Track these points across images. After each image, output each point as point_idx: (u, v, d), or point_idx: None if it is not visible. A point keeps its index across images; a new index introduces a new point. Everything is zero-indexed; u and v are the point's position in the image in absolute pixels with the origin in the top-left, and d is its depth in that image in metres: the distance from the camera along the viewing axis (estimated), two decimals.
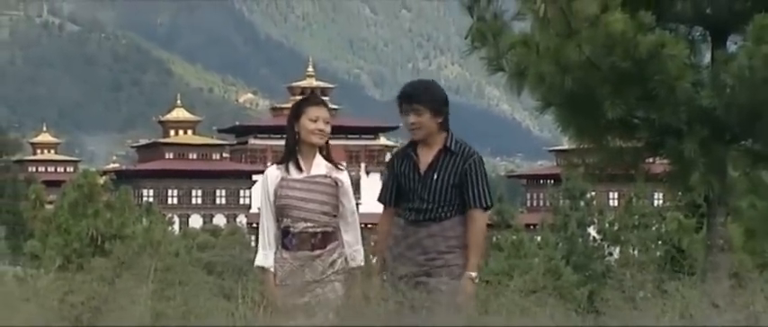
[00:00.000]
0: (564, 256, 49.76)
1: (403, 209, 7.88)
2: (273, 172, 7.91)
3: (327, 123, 7.88)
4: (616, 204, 77.02)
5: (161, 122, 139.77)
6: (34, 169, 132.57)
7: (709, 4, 11.07)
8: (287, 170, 7.87)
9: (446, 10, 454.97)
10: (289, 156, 7.89)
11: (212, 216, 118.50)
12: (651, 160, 11.85)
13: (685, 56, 10.38)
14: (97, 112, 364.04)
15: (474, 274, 7.74)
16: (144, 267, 9.10)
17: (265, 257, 7.88)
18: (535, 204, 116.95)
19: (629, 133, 11.35)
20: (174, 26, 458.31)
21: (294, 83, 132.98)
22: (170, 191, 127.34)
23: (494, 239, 56.35)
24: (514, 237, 47.86)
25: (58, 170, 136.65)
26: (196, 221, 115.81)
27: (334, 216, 7.85)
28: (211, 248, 60.49)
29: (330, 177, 7.85)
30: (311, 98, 8.07)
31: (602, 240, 55.97)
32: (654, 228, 50.73)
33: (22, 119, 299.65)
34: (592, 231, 56.55)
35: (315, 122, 7.84)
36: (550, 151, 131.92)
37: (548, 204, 74.10)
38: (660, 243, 45.37)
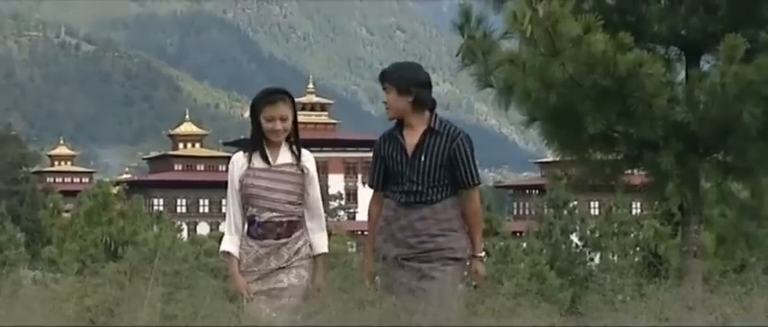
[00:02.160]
0: (548, 261, 49.76)
1: (393, 192, 7.43)
2: (240, 160, 7.40)
3: (285, 120, 7.32)
4: (597, 213, 77.07)
5: (170, 136, 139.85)
6: (52, 180, 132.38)
7: (684, 26, 11.09)
8: (252, 159, 7.35)
9: (437, 32, 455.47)
10: (254, 147, 7.36)
11: (218, 224, 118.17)
12: (630, 172, 11.85)
13: (662, 74, 10.39)
14: (111, 126, 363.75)
15: (483, 254, 7.46)
16: (154, 271, 9.05)
17: (231, 242, 7.39)
18: (521, 213, 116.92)
19: (609, 146, 11.36)
20: (182, 45, 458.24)
21: (296, 100, 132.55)
22: (179, 201, 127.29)
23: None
24: (502, 244, 47.83)
25: (74, 180, 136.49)
26: (203, 228, 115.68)
27: (300, 204, 7.33)
28: (217, 254, 60.27)
29: (296, 166, 7.33)
30: (266, 96, 7.42)
31: (584, 246, 56.00)
32: (632, 235, 50.68)
33: (41, 133, 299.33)
34: (574, 238, 56.58)
35: (270, 122, 7.31)
36: (535, 163, 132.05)
37: (533, 213, 74.13)
38: (638, 249, 45.34)
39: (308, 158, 7.42)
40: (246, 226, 7.37)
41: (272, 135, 7.33)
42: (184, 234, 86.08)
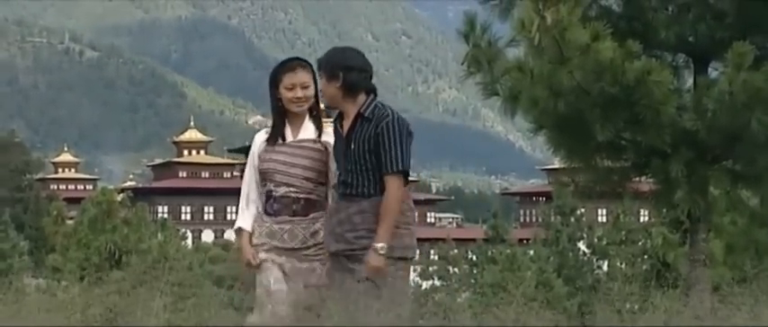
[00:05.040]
0: (555, 269, 49.64)
1: (336, 183, 7.04)
2: (260, 137, 7.23)
3: (306, 87, 7.11)
4: (604, 220, 76.95)
5: (175, 143, 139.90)
6: (56, 187, 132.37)
7: (692, 33, 11.09)
8: (274, 135, 7.15)
9: (444, 37, 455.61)
10: (275, 122, 7.18)
11: (223, 231, 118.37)
12: (637, 179, 11.86)
13: (670, 81, 10.40)
14: (115, 133, 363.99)
15: (380, 245, 6.79)
16: (158, 280, 9.05)
17: (244, 219, 7.19)
18: (528, 220, 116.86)
19: (616, 154, 11.36)
20: (187, 52, 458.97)
21: None
22: (183, 208, 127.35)
23: (489, 253, 56.36)
24: (508, 251, 47.75)
25: (78, 188, 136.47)
26: (208, 236, 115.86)
27: (322, 183, 7.09)
28: (222, 261, 60.42)
29: (319, 141, 7.12)
30: (287, 63, 7.24)
31: (591, 254, 55.89)
32: (640, 243, 50.53)
33: (45, 140, 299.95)
34: (581, 245, 56.48)
35: (290, 90, 7.10)
36: (542, 170, 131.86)
37: (540, 220, 73.94)
38: (646, 257, 45.22)
39: (330, 134, 7.15)
40: (263, 204, 7.16)
41: (294, 104, 7.15)
42: (189, 241, 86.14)
